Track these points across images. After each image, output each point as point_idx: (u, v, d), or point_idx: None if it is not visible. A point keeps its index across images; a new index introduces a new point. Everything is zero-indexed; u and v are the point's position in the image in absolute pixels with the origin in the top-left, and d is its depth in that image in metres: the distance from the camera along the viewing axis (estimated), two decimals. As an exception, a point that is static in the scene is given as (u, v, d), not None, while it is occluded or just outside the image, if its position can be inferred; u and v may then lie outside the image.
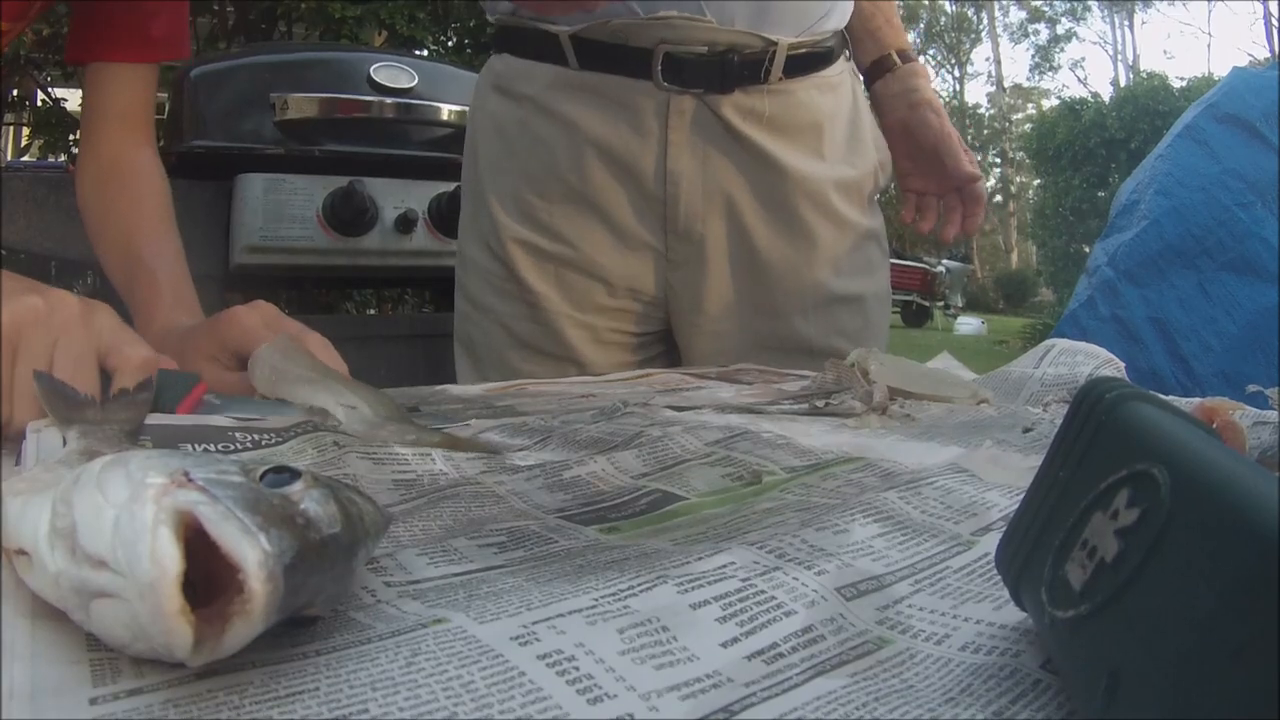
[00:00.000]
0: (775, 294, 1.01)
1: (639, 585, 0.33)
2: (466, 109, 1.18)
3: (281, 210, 1.58)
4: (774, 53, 0.95)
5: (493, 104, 1.03)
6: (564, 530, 0.43)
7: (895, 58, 1.09)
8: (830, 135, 1.01)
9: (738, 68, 0.94)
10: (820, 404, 0.71)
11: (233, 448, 0.51)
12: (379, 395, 0.59)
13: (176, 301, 0.84)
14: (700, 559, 0.35)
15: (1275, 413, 0.58)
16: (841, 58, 1.05)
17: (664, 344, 1.07)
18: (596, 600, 0.31)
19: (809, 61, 0.99)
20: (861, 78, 1.11)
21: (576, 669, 0.27)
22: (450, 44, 4.17)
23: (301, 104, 1.61)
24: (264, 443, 0.52)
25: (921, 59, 1.12)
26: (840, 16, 1.02)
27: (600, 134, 0.96)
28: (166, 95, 1.72)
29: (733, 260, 1.00)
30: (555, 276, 1.00)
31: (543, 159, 0.99)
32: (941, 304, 14.85)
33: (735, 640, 0.30)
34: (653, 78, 0.93)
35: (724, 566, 0.34)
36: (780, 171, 0.98)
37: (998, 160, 28.10)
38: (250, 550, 0.25)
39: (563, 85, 0.97)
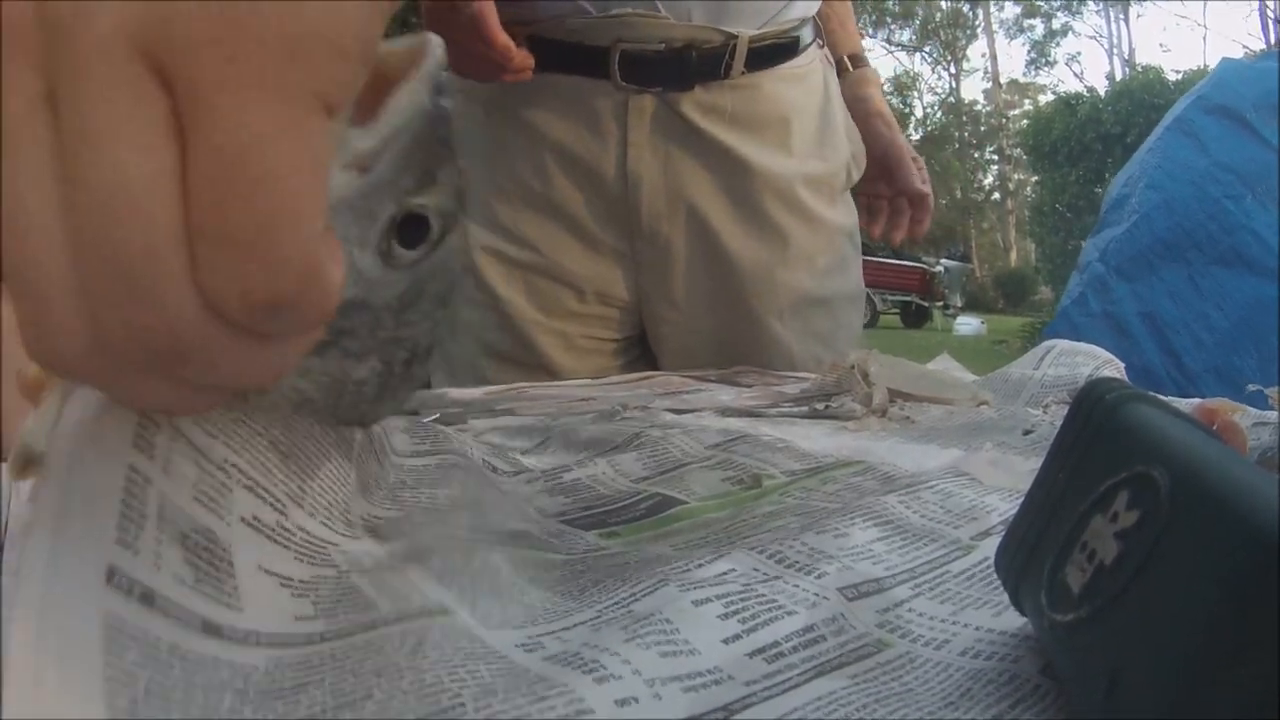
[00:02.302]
0: (747, 295, 0.99)
1: (641, 591, 0.33)
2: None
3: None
4: (734, 47, 0.93)
5: (458, 108, 1.01)
6: (564, 535, 0.43)
7: (847, 63, 1.08)
8: (799, 128, 0.99)
9: (696, 64, 0.92)
10: (820, 406, 0.71)
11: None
12: None
13: None
14: (701, 565, 0.35)
15: (1275, 413, 0.58)
16: (813, 46, 1.02)
17: (640, 348, 1.06)
18: (600, 611, 0.32)
19: (773, 53, 0.97)
20: (834, 65, 1.09)
21: (581, 657, 0.27)
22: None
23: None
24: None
25: (917, 55, 1.12)
26: (806, 5, 1.00)
27: (560, 137, 0.95)
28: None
29: (700, 261, 0.98)
30: (523, 283, 0.98)
31: (505, 164, 0.97)
32: (941, 304, 14.85)
33: (737, 637, 0.30)
34: (610, 77, 0.92)
35: (725, 573, 0.34)
36: (745, 169, 0.96)
37: (995, 157, 28.17)
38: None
39: (522, 88, 0.94)
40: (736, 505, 0.47)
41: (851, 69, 1.08)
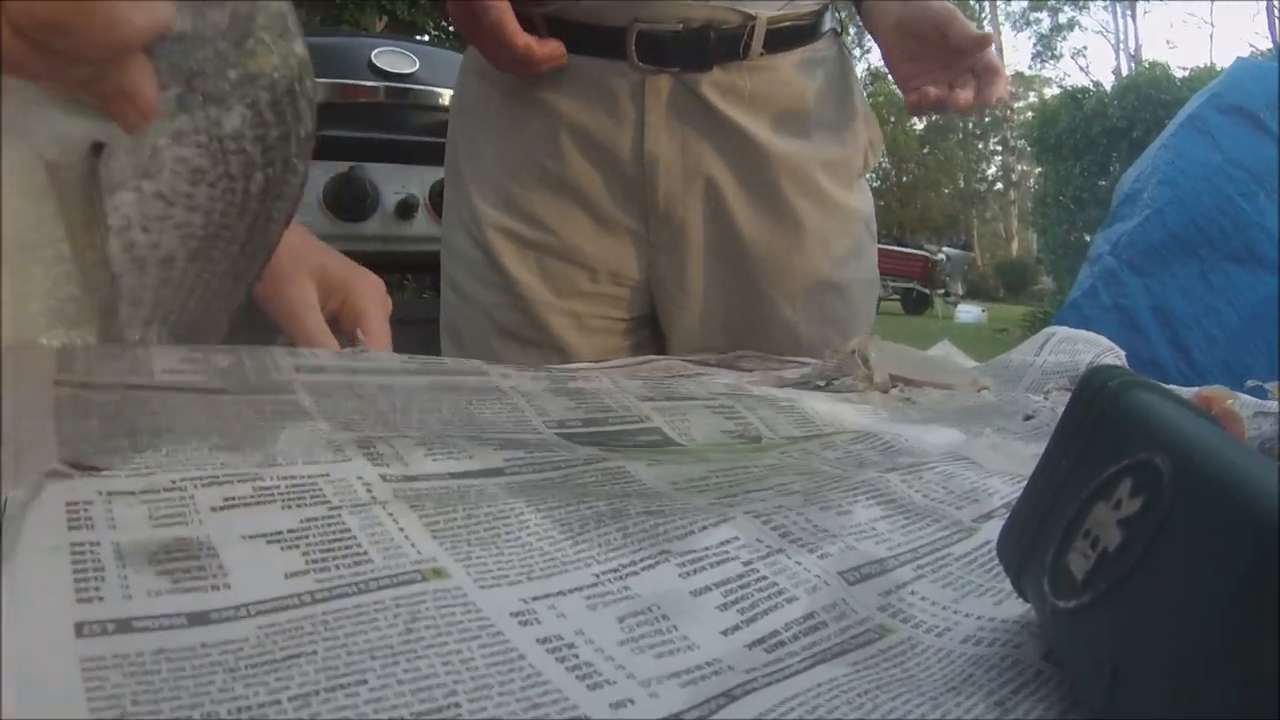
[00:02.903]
0: (761, 278, 0.98)
1: (640, 562, 0.32)
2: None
3: (281, 195, 1.58)
4: (753, 27, 0.92)
5: (471, 88, 1.01)
6: (562, 448, 0.43)
7: None
8: (817, 112, 0.98)
9: (715, 44, 0.92)
10: (821, 384, 0.71)
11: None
12: None
13: None
14: (704, 529, 0.35)
15: (1275, 403, 0.58)
16: (830, 32, 1.01)
17: (650, 328, 1.05)
18: (597, 577, 0.31)
19: (792, 35, 0.96)
20: (849, 62, 1.06)
21: (576, 656, 0.27)
22: (451, 29, 4.16)
23: (302, 89, 1.61)
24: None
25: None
26: None
27: (576, 118, 0.94)
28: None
29: (715, 243, 0.98)
30: (537, 264, 0.98)
31: (520, 144, 0.97)
32: (942, 292, 14.81)
33: (736, 628, 0.29)
34: (627, 57, 0.91)
35: (726, 543, 0.34)
36: (762, 152, 0.96)
37: (999, 148, 28.06)
38: None
39: None
40: (735, 454, 0.47)
41: None
